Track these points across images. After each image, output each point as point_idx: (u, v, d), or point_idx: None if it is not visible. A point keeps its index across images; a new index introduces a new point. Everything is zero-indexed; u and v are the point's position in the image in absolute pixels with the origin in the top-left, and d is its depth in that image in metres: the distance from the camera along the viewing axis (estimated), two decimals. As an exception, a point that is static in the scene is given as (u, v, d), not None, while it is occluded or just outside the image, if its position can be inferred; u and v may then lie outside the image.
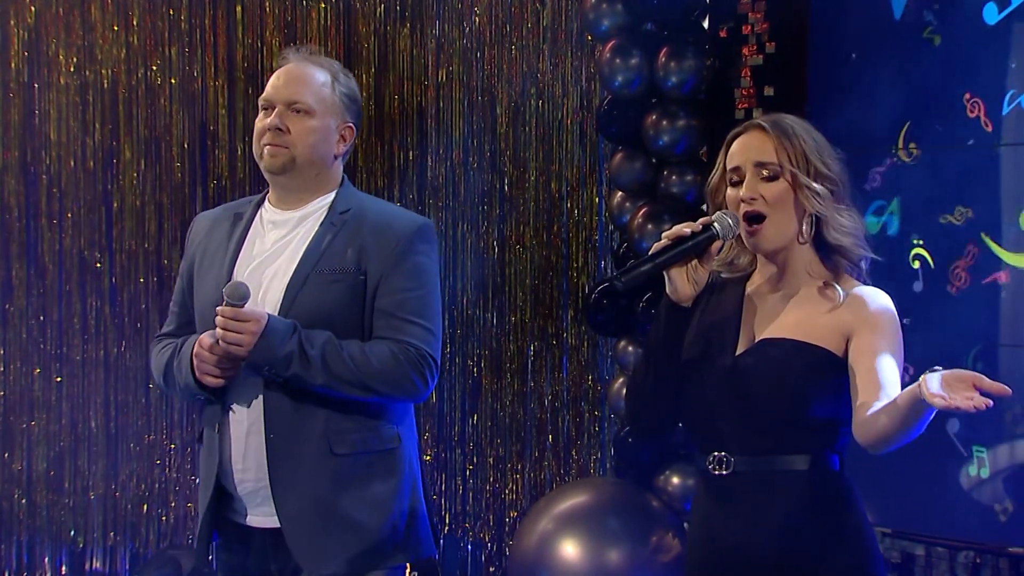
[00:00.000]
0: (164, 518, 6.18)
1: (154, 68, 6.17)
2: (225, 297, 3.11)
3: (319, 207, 3.33)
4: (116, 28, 6.16)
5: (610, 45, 5.44)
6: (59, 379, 6.18)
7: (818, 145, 2.85)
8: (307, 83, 3.32)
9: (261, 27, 6.19)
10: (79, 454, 6.19)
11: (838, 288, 2.83)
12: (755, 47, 5.34)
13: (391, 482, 3.27)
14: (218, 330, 3.12)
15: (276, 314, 3.19)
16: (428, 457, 6.24)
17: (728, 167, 2.89)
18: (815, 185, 2.81)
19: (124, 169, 6.18)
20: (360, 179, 6.17)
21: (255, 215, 3.38)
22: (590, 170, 6.14)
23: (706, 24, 5.51)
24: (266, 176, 3.34)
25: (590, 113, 6.03)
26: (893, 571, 4.84)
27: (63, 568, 6.21)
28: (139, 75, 6.17)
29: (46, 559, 6.20)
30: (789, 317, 2.84)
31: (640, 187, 5.53)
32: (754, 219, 2.84)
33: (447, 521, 6.24)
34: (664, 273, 2.83)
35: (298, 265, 3.24)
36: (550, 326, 6.17)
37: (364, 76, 6.20)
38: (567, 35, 6.11)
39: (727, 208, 2.87)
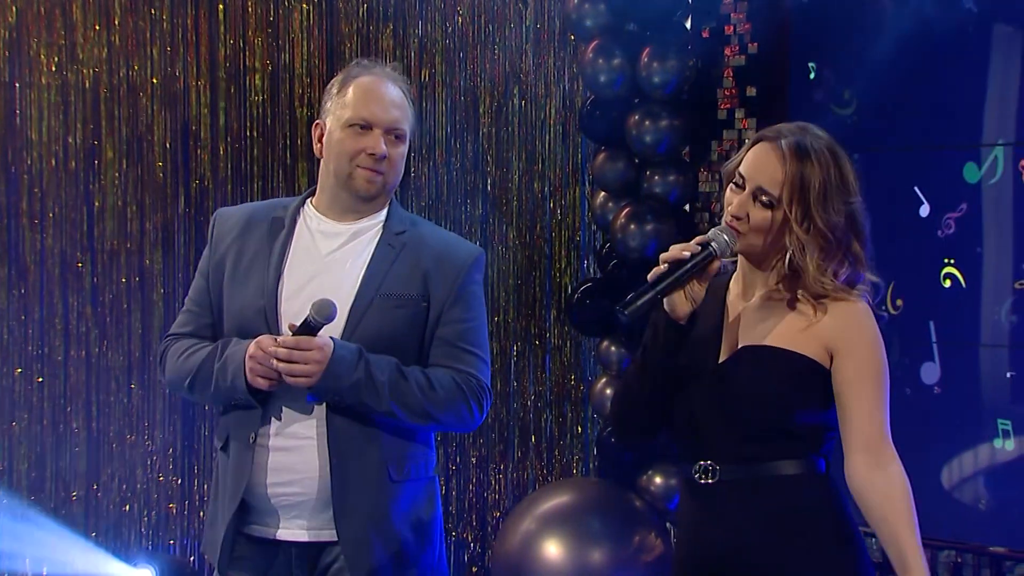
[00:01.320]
0: (146, 518, 6.16)
1: (136, 68, 6.15)
2: (311, 314, 3.01)
3: (372, 223, 3.26)
4: (98, 28, 6.14)
5: (593, 45, 5.45)
6: (40, 379, 6.15)
7: (831, 189, 2.76)
8: (403, 108, 3.24)
9: (243, 27, 6.17)
10: (60, 455, 6.16)
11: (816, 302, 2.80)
12: (737, 47, 5.35)
13: (432, 510, 3.28)
14: (280, 364, 3.03)
15: (339, 335, 3.12)
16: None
17: (740, 168, 2.83)
18: (803, 235, 2.75)
19: (106, 169, 6.16)
20: (343, 179, 6.16)
21: (296, 220, 3.28)
22: (573, 170, 6.14)
23: (688, 24, 5.52)
24: (342, 192, 3.24)
25: (573, 113, 6.04)
26: (876, 570, 4.85)
27: (44, 569, 6.18)
28: (121, 75, 6.15)
29: (27, 560, 6.17)
30: (770, 324, 2.82)
31: (623, 187, 5.54)
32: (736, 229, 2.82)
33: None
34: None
35: (361, 287, 3.17)
36: (533, 326, 6.17)
37: (346, 76, 6.19)
38: (550, 35, 6.11)
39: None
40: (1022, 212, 4.66)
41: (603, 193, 5.64)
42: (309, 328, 3.04)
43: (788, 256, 2.78)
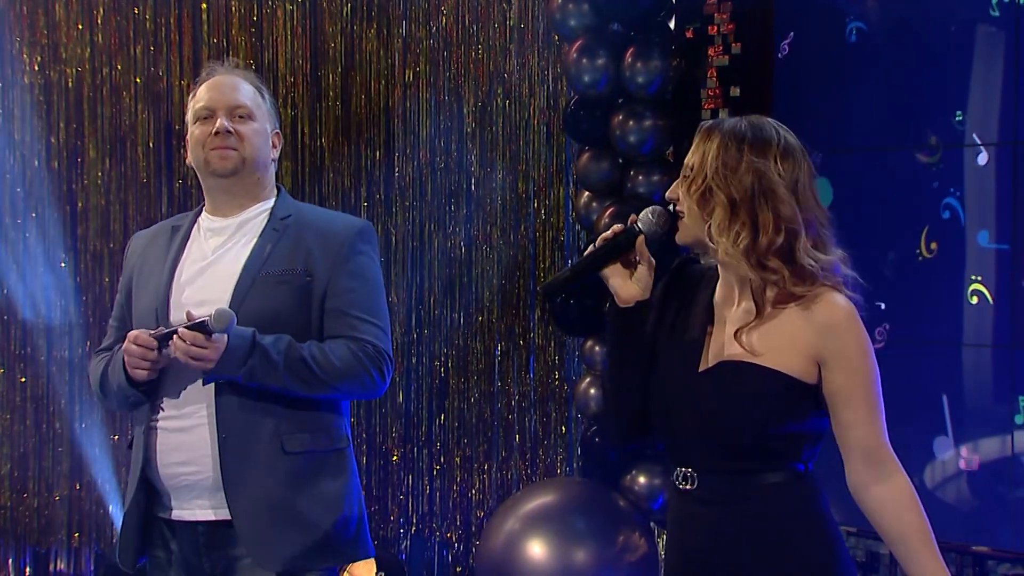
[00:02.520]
0: (129, 519, 6.15)
1: (119, 67, 6.14)
2: (210, 320, 3.09)
3: (258, 213, 3.38)
4: (81, 27, 6.13)
5: (577, 45, 5.45)
6: (23, 379, 6.14)
7: (736, 144, 2.71)
8: (243, 90, 3.41)
9: (227, 27, 6.17)
10: (43, 455, 6.15)
11: (794, 307, 2.73)
12: (721, 48, 5.36)
13: (341, 481, 3.32)
14: (178, 354, 3.11)
15: None
16: (395, 458, 6.23)
17: None
18: (707, 197, 2.71)
19: (88, 168, 6.15)
20: (327, 179, 6.16)
21: (192, 226, 3.42)
22: (557, 170, 6.14)
23: (672, 25, 5.53)
24: (210, 181, 3.38)
25: (557, 113, 6.04)
26: (858, 570, 4.86)
27: (27, 569, 6.17)
28: (104, 74, 6.14)
29: (10, 561, 6.16)
30: (752, 336, 2.75)
31: (607, 187, 5.54)
32: (676, 215, 2.81)
33: (414, 521, 6.24)
34: (602, 277, 2.81)
35: (243, 269, 3.27)
36: (517, 326, 6.17)
37: (331, 76, 6.19)
38: (534, 35, 6.11)
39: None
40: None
41: (587, 193, 5.64)
42: (204, 329, 3.11)
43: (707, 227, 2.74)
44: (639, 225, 2.79)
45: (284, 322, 3.24)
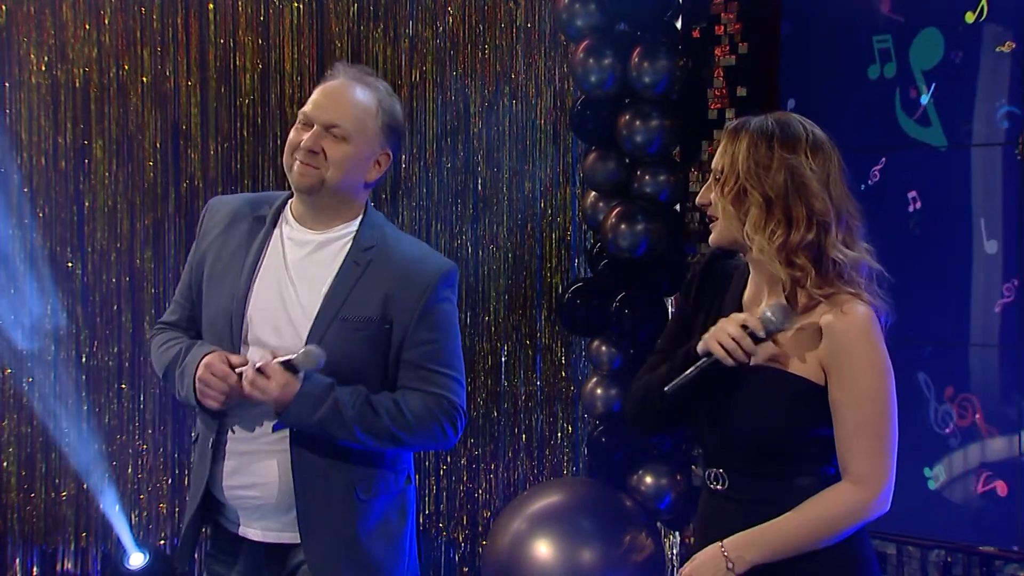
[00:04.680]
0: (136, 519, 6.16)
1: (126, 67, 6.15)
2: (298, 360, 3.04)
3: (342, 234, 3.26)
4: (88, 27, 6.13)
5: (583, 45, 5.44)
6: (30, 379, 6.14)
7: (766, 142, 2.74)
8: (350, 107, 3.21)
9: (234, 26, 6.17)
10: (50, 455, 6.15)
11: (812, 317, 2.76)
12: (728, 47, 5.35)
13: (404, 522, 3.29)
14: (245, 382, 3.07)
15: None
16: (402, 457, 6.23)
17: None
18: (740, 195, 2.75)
19: (96, 168, 6.16)
20: (333, 179, 6.16)
21: (275, 224, 3.29)
22: (564, 170, 6.14)
23: (679, 24, 5.52)
24: (298, 192, 3.26)
25: (563, 113, 6.04)
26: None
27: (34, 569, 6.18)
28: (111, 74, 6.15)
29: (17, 560, 6.17)
30: (778, 342, 2.77)
31: (613, 187, 5.54)
32: (710, 219, 2.84)
33: (420, 521, 6.24)
34: None
35: (321, 309, 3.16)
36: (524, 326, 6.17)
37: (337, 76, 6.19)
38: (540, 35, 6.12)
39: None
40: None
41: (594, 193, 5.64)
42: (291, 368, 3.07)
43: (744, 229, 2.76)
44: (763, 335, 2.74)
45: (359, 368, 3.16)
